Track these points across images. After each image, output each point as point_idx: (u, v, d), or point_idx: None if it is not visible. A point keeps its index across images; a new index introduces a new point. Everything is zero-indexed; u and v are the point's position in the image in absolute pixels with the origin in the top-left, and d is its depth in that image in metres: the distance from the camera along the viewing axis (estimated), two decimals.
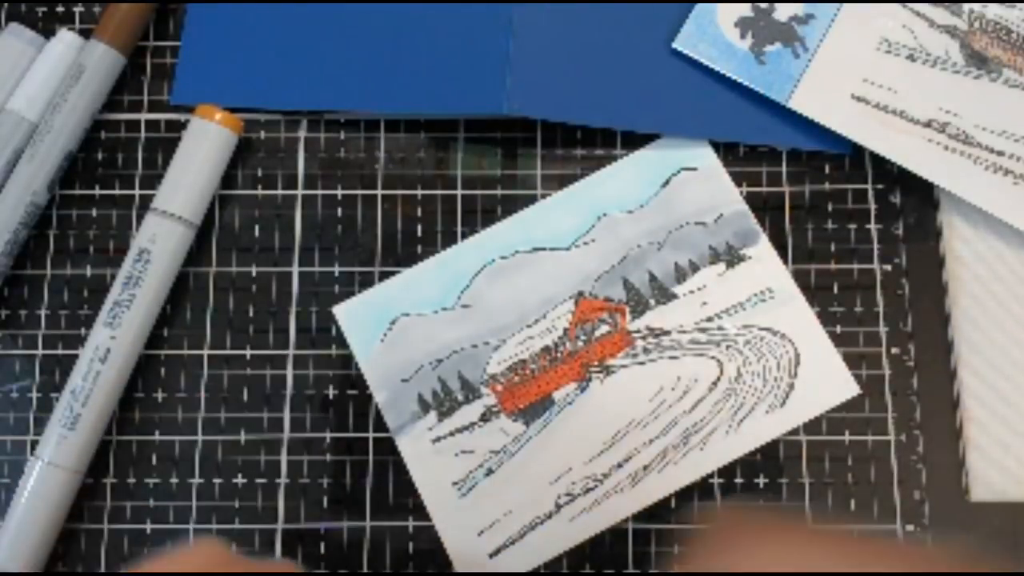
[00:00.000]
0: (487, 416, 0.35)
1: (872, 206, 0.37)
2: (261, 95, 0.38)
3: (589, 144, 0.38)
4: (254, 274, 0.37)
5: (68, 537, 0.35)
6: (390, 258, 0.37)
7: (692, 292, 0.36)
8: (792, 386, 0.35)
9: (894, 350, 0.36)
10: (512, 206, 0.37)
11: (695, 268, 0.36)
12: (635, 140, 0.37)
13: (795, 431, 0.35)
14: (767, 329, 0.36)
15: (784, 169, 0.37)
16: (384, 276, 0.37)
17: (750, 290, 0.36)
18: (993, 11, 0.37)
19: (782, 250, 0.36)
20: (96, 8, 0.39)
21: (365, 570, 0.34)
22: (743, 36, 0.37)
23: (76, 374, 0.34)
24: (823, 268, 0.36)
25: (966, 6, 0.37)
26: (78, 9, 0.39)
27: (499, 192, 0.37)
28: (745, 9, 0.37)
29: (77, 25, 0.39)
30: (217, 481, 0.35)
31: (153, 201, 0.35)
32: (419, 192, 0.37)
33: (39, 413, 0.36)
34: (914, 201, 0.37)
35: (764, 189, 0.37)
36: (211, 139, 0.36)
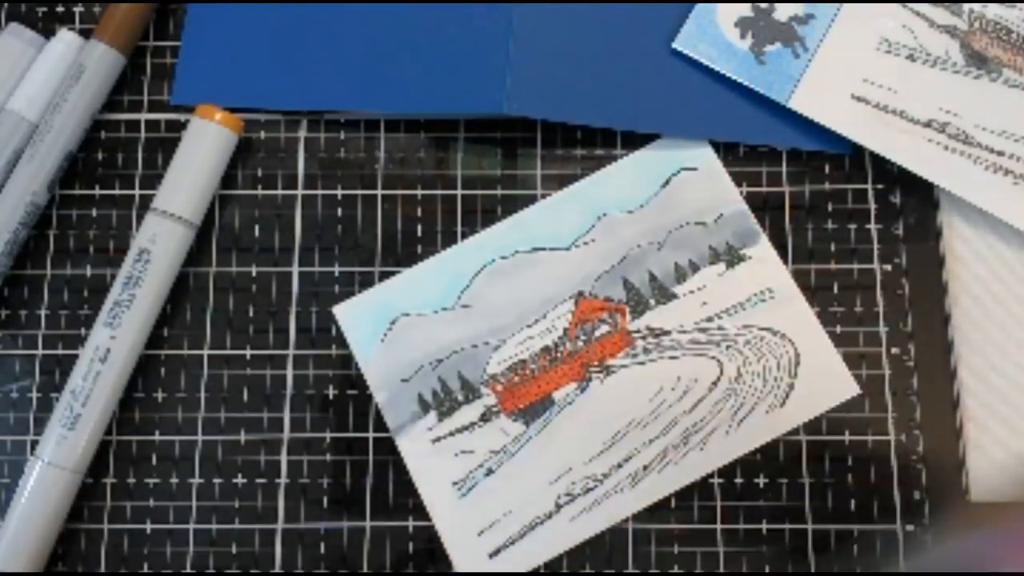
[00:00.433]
0: (487, 416, 0.35)
1: (872, 206, 0.37)
2: (261, 95, 0.38)
3: (589, 144, 0.38)
4: (254, 274, 0.37)
5: (68, 537, 0.35)
6: (390, 258, 0.37)
7: (692, 292, 0.36)
8: (792, 386, 0.35)
9: (894, 350, 0.36)
10: (512, 206, 0.37)
11: (695, 268, 0.36)
12: (635, 140, 0.37)
13: (795, 431, 0.35)
14: (767, 329, 0.36)
15: (784, 169, 0.37)
16: (384, 276, 0.37)
17: (750, 290, 0.36)
18: (993, 11, 0.37)
19: (782, 250, 0.36)
20: (96, 8, 0.39)
21: (365, 570, 0.34)
22: (743, 36, 0.37)
23: (76, 374, 0.34)
24: (823, 268, 0.36)
25: (966, 6, 0.37)
26: (78, 9, 0.39)
27: (499, 192, 0.37)
28: (745, 9, 0.37)
29: (77, 25, 0.39)
30: (217, 481, 0.35)
31: (153, 201, 0.35)
32: (419, 192, 0.37)
33: (39, 413, 0.36)
34: (914, 201, 0.37)
35: (764, 189, 0.37)
36: (211, 139, 0.36)
